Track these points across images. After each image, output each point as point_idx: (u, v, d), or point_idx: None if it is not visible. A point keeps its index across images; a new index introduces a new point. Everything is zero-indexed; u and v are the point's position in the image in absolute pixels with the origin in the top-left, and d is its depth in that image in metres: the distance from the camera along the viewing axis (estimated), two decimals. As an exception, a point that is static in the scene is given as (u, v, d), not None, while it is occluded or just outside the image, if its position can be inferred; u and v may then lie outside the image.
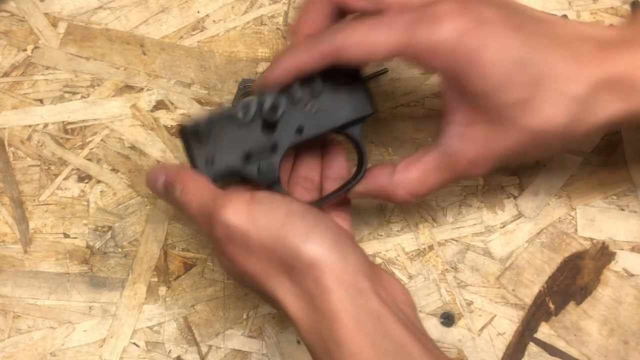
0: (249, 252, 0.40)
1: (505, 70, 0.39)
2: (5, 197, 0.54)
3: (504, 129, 0.40)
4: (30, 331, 0.50)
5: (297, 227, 0.39)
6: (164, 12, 0.63)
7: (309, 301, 0.38)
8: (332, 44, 0.41)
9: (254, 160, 0.44)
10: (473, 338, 0.50)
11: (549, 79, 0.39)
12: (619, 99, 0.40)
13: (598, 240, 0.53)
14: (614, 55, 0.40)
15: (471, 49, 0.39)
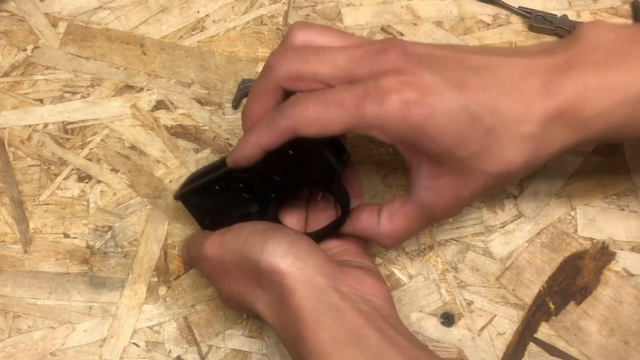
0: (227, 276, 0.44)
1: (454, 132, 0.40)
2: (5, 197, 0.54)
3: (468, 176, 0.42)
4: (30, 331, 0.50)
5: (255, 242, 0.43)
6: (164, 12, 0.63)
7: (279, 305, 0.41)
8: (287, 123, 0.42)
9: (240, 218, 0.47)
10: (473, 338, 0.50)
11: (500, 127, 0.41)
12: (569, 130, 0.41)
13: (598, 240, 0.53)
14: (560, 89, 0.41)
15: (418, 122, 0.40)
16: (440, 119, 0.40)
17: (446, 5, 0.64)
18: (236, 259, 0.43)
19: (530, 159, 0.42)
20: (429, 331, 0.50)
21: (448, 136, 0.41)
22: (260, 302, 0.43)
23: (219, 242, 0.45)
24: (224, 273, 0.44)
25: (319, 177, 0.45)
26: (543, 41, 0.57)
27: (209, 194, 0.48)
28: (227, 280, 0.45)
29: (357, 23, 0.63)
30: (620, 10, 0.64)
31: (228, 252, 0.44)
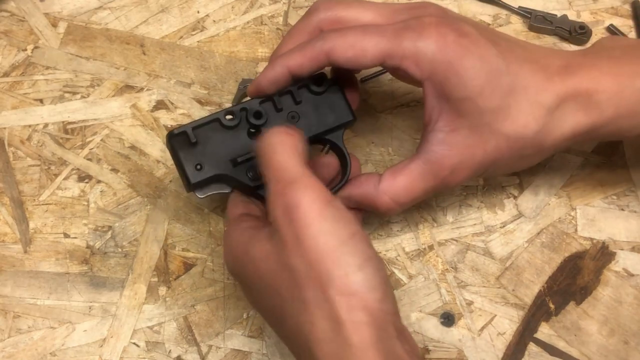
0: (299, 242, 0.37)
1: (483, 77, 0.42)
2: (5, 197, 0.54)
3: (483, 135, 0.43)
4: (30, 331, 0.50)
5: (353, 253, 0.37)
6: (164, 12, 0.63)
7: (335, 326, 0.36)
8: (323, 45, 0.43)
9: (242, 164, 0.46)
10: (473, 338, 0.50)
11: (521, 89, 0.43)
12: (581, 111, 0.44)
13: (598, 240, 0.53)
14: (577, 71, 0.44)
15: (452, 57, 0.42)
16: (472, 61, 0.42)
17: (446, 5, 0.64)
18: (324, 245, 0.37)
19: (541, 129, 0.44)
20: (429, 331, 0.50)
21: (475, 80, 0.42)
22: (312, 301, 0.37)
23: (320, 209, 0.37)
24: (299, 238, 0.37)
25: (333, 121, 0.47)
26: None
27: (212, 131, 0.46)
28: (300, 240, 0.37)
29: (357, 23, 0.63)
30: (620, 10, 0.64)
31: (319, 231, 0.37)
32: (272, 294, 0.39)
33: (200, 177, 0.45)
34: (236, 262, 0.42)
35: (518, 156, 0.45)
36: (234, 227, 0.43)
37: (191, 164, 0.45)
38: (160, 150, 0.56)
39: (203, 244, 0.53)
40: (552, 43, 0.62)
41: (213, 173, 0.45)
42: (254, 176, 0.46)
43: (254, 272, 0.40)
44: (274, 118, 0.47)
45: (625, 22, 0.63)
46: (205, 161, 0.45)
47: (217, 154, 0.46)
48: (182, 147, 0.45)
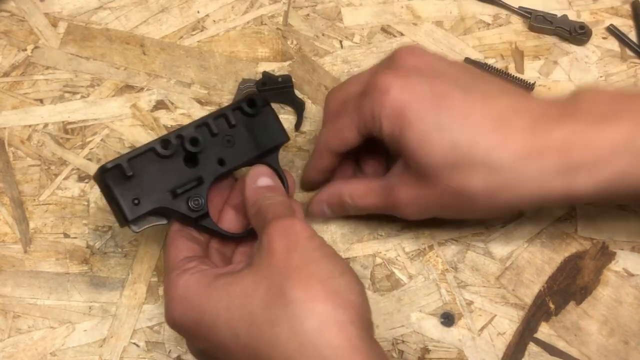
0: (289, 252, 0.40)
1: (418, 134, 0.43)
2: (5, 197, 0.54)
3: (429, 183, 0.44)
4: (30, 331, 0.50)
5: (335, 263, 0.40)
6: (164, 12, 0.63)
7: (319, 325, 0.37)
8: (320, 141, 0.50)
9: (181, 194, 0.44)
10: (473, 338, 0.50)
11: (472, 147, 0.42)
12: (556, 174, 0.42)
13: (598, 240, 0.53)
14: (547, 127, 0.42)
15: (392, 115, 0.44)
16: (411, 116, 0.43)
17: (446, 5, 0.64)
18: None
19: (493, 189, 0.43)
20: (429, 331, 0.50)
21: (412, 136, 0.43)
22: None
23: (305, 241, 0.40)
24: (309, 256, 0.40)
25: (268, 142, 0.47)
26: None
27: (148, 161, 0.43)
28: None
29: (357, 23, 0.63)
30: (620, 10, 0.64)
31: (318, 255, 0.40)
32: (240, 329, 0.38)
33: (138, 213, 0.43)
34: (190, 311, 0.40)
35: (469, 207, 0.45)
36: (181, 273, 0.42)
37: (128, 199, 0.42)
38: (160, 150, 0.56)
39: (203, 244, 0.53)
40: (552, 43, 0.62)
41: (152, 207, 0.43)
42: (195, 207, 0.44)
43: (218, 309, 0.39)
44: (210, 143, 0.45)
45: (625, 22, 0.63)
46: (143, 195, 0.43)
47: (155, 185, 0.43)
48: (117, 181, 0.42)
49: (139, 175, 0.43)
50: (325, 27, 0.63)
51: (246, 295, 0.38)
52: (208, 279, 0.41)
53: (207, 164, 0.45)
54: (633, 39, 0.62)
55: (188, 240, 0.45)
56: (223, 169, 0.46)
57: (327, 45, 0.62)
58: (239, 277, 0.40)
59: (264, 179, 0.46)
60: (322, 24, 0.63)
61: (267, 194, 0.45)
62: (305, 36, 0.62)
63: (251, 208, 0.44)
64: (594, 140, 0.41)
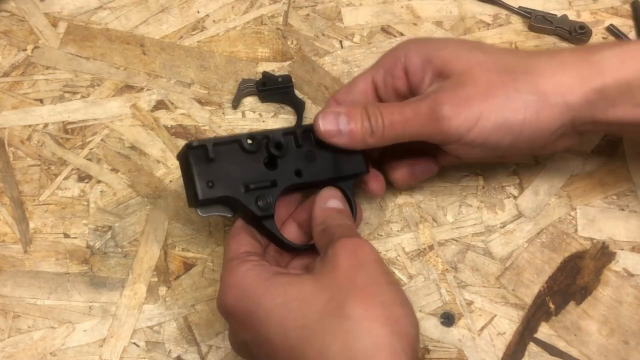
0: (357, 269, 0.40)
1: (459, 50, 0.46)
2: (5, 197, 0.54)
3: (473, 74, 0.44)
4: (30, 331, 0.50)
5: (397, 290, 0.40)
6: (164, 12, 0.63)
7: (374, 348, 0.37)
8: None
9: (253, 190, 0.45)
10: (473, 338, 0.50)
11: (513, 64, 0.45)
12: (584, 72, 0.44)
13: (598, 240, 0.53)
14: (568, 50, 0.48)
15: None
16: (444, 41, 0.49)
17: (446, 5, 0.64)
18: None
19: (534, 81, 0.44)
20: (429, 331, 0.50)
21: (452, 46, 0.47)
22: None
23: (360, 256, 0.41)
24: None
25: (348, 169, 0.47)
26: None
27: (230, 152, 0.45)
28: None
29: (357, 23, 0.63)
30: (621, 10, 0.64)
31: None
32: (292, 331, 0.38)
33: (209, 195, 0.44)
34: (245, 300, 0.41)
35: (514, 94, 0.44)
36: (241, 263, 0.42)
37: (203, 180, 0.44)
38: (160, 150, 0.56)
39: (203, 244, 0.53)
40: (552, 43, 0.62)
41: (223, 194, 0.44)
42: (263, 206, 0.45)
43: (275, 305, 0.39)
44: (293, 153, 0.47)
45: (625, 22, 0.63)
46: (218, 180, 0.44)
47: (231, 175, 0.45)
48: (198, 161, 0.44)
49: (220, 161, 0.44)
50: (325, 27, 0.63)
51: (304, 300, 0.39)
52: (268, 274, 0.41)
53: (284, 171, 0.46)
54: (633, 39, 0.62)
55: (250, 238, 0.45)
56: (298, 179, 0.46)
57: (327, 45, 0.62)
58: (299, 280, 0.40)
59: (334, 201, 0.45)
60: (322, 24, 0.63)
61: (336, 215, 0.44)
62: (305, 36, 0.62)
63: (318, 226, 0.44)
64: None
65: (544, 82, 0.44)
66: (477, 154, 0.46)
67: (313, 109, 0.59)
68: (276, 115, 0.58)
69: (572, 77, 0.44)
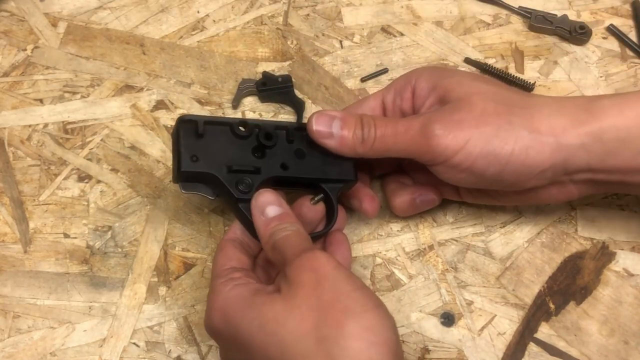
0: (319, 286, 0.40)
1: (464, 78, 0.47)
2: (5, 197, 0.54)
3: (470, 101, 0.45)
4: (30, 331, 0.50)
5: (368, 296, 0.39)
6: (164, 12, 0.63)
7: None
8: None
9: (235, 173, 0.45)
10: (473, 338, 0.50)
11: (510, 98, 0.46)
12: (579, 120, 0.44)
13: (598, 240, 0.53)
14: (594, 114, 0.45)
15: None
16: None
17: (446, 5, 0.64)
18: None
19: (529, 117, 0.44)
20: (429, 331, 0.50)
21: (457, 75, 0.48)
22: None
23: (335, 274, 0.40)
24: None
25: (336, 174, 0.47)
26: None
27: (220, 133, 0.46)
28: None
29: (357, 23, 0.63)
30: (620, 10, 0.64)
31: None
32: (273, 354, 0.39)
33: (191, 168, 0.44)
34: (227, 324, 0.41)
35: (506, 126, 0.44)
36: (225, 282, 0.43)
37: (188, 153, 0.44)
38: (160, 150, 0.56)
39: (203, 244, 0.53)
40: (552, 43, 0.62)
41: (205, 170, 0.45)
42: (242, 190, 0.45)
43: (252, 328, 0.40)
44: (282, 146, 0.47)
45: (625, 22, 0.63)
46: (202, 156, 0.45)
47: (216, 155, 0.45)
48: (187, 134, 0.45)
49: (208, 139, 0.45)
50: (325, 27, 0.63)
51: (278, 322, 0.39)
52: (247, 293, 0.41)
53: (271, 162, 0.46)
54: (633, 39, 0.62)
55: (238, 251, 0.46)
56: (283, 172, 0.47)
57: (327, 45, 0.62)
58: (270, 300, 0.40)
59: (271, 208, 0.45)
60: (322, 24, 0.63)
61: (279, 225, 0.44)
62: (305, 36, 0.62)
63: (266, 244, 0.44)
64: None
65: (539, 119, 0.44)
66: (465, 180, 0.46)
67: (313, 109, 0.59)
68: (276, 115, 0.58)
69: (567, 121, 0.44)
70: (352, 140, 0.46)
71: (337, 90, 0.60)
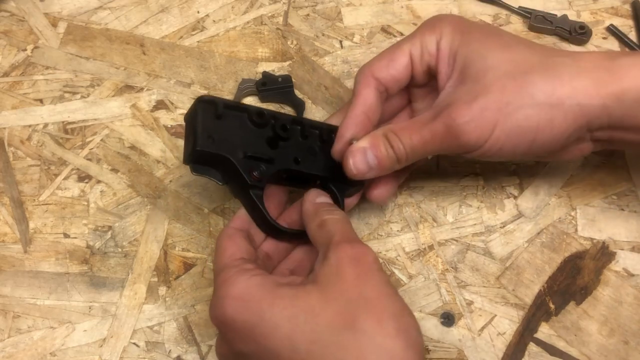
0: (363, 281, 0.40)
1: (487, 38, 0.46)
2: (5, 197, 0.54)
3: (488, 80, 0.44)
4: (30, 331, 0.50)
5: (403, 302, 0.40)
6: (164, 12, 0.63)
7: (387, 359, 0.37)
8: (366, 71, 0.48)
9: (250, 159, 0.45)
10: (473, 338, 0.50)
11: (526, 61, 0.45)
12: (599, 79, 0.44)
13: (598, 240, 0.53)
14: (587, 54, 0.46)
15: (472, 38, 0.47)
16: (474, 25, 0.48)
17: (446, 5, 0.64)
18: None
19: (550, 91, 0.43)
20: (429, 331, 0.50)
21: (478, 36, 0.46)
22: None
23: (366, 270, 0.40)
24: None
25: (344, 178, 0.47)
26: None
27: (238, 118, 0.45)
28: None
29: (357, 23, 0.63)
30: (621, 10, 0.64)
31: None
32: (301, 344, 0.38)
33: (207, 148, 0.43)
34: (247, 312, 0.40)
35: (529, 101, 0.44)
36: (241, 272, 0.42)
37: (206, 132, 0.43)
38: (160, 150, 0.56)
39: (203, 244, 0.53)
40: (552, 43, 0.62)
41: (221, 152, 0.44)
42: (257, 176, 0.45)
43: (281, 318, 0.39)
44: (296, 141, 0.47)
45: (625, 22, 0.63)
46: (219, 138, 0.44)
47: (233, 139, 0.45)
48: (206, 114, 0.44)
49: (225, 122, 0.45)
50: (325, 27, 0.63)
51: (312, 313, 0.38)
52: (271, 285, 0.40)
53: (284, 154, 0.46)
54: (633, 39, 0.62)
55: (246, 242, 0.45)
56: (294, 166, 0.47)
57: (327, 45, 0.62)
58: (305, 292, 0.39)
59: (323, 197, 0.46)
60: (322, 24, 0.63)
61: (330, 208, 0.44)
62: (305, 36, 0.62)
63: (312, 220, 0.44)
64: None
65: (560, 86, 0.44)
66: (496, 158, 0.46)
67: (313, 109, 0.59)
68: (276, 115, 0.58)
69: (589, 82, 0.44)
70: (390, 163, 0.46)
71: (337, 90, 0.60)
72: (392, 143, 0.45)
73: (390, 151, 0.46)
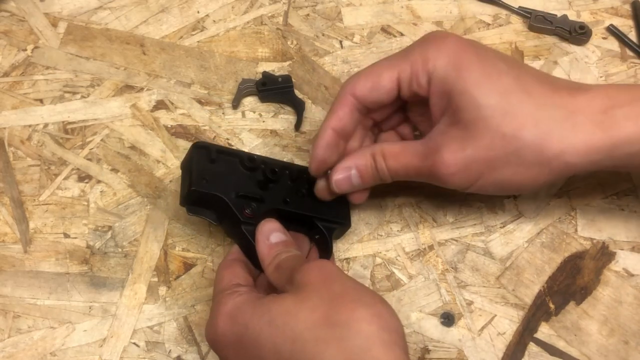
0: (330, 282, 0.42)
1: (480, 73, 0.44)
2: (5, 197, 0.54)
3: (478, 129, 0.44)
4: (30, 331, 0.50)
5: (374, 293, 0.42)
6: (164, 12, 0.63)
7: (366, 344, 0.38)
8: (346, 89, 0.49)
9: (242, 199, 0.48)
10: (473, 338, 0.50)
11: (524, 92, 0.44)
12: (595, 126, 0.43)
13: (598, 240, 0.53)
14: (588, 90, 0.45)
15: (454, 58, 0.45)
16: (471, 60, 0.45)
17: (446, 5, 0.64)
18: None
19: (545, 136, 0.43)
20: (429, 331, 0.50)
21: (474, 75, 0.45)
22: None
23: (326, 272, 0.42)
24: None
25: (333, 216, 0.51)
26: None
27: (230, 163, 0.48)
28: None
29: (357, 23, 0.63)
30: (620, 10, 0.64)
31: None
32: (283, 346, 0.39)
33: (202, 188, 0.46)
34: (235, 325, 0.42)
35: (516, 160, 0.44)
36: (231, 293, 0.44)
37: (200, 175, 0.47)
38: (160, 150, 0.56)
39: (203, 244, 0.53)
40: (552, 43, 0.62)
41: (215, 191, 0.47)
42: (248, 214, 0.47)
43: (261, 324, 0.40)
44: (285, 184, 0.50)
45: (625, 22, 0.63)
46: (213, 180, 0.47)
47: (225, 181, 0.47)
48: (200, 158, 0.47)
49: (219, 166, 0.48)
50: (325, 27, 0.63)
51: (289, 314, 0.40)
52: (254, 299, 0.43)
53: (273, 195, 0.49)
54: (633, 39, 0.62)
55: (243, 270, 0.47)
56: (283, 206, 0.49)
57: (327, 45, 0.62)
58: (280, 298, 0.41)
59: (276, 235, 0.46)
60: (322, 24, 0.63)
61: (284, 249, 0.45)
62: (305, 36, 0.62)
63: (269, 265, 0.45)
64: (632, 92, 0.45)
65: (549, 148, 0.43)
66: (478, 193, 0.48)
67: (313, 109, 0.59)
68: (276, 115, 0.58)
69: (579, 141, 0.43)
70: (372, 182, 0.49)
71: (337, 90, 0.59)
72: (376, 166, 0.47)
73: (372, 174, 0.48)
